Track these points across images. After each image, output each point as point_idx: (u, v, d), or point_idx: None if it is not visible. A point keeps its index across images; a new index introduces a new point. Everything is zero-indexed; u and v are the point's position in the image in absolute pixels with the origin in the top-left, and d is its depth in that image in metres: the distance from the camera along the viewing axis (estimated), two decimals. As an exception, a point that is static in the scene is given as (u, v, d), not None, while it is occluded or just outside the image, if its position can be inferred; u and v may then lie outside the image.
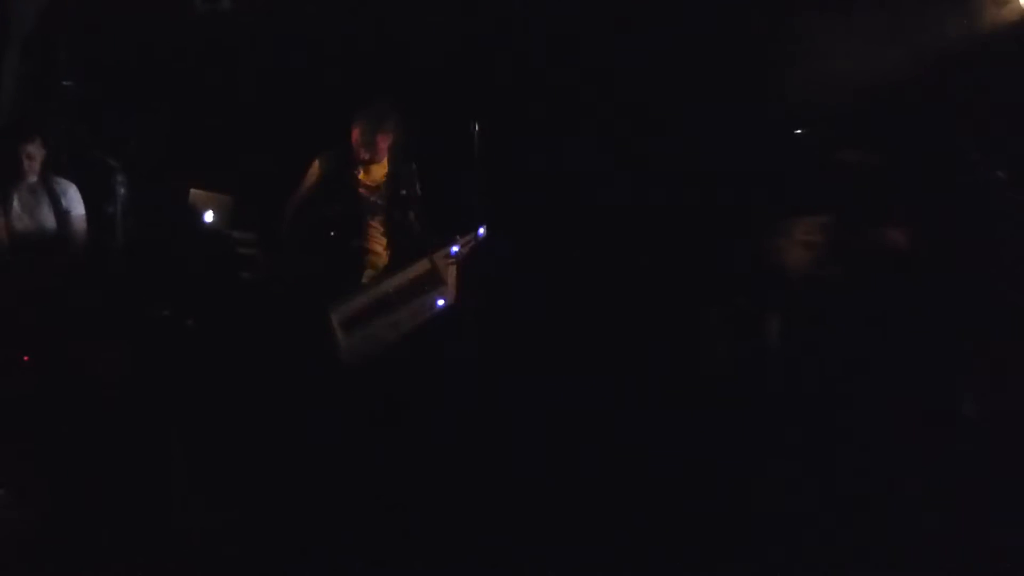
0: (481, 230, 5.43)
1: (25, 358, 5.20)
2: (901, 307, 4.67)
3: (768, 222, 5.14)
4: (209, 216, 6.01)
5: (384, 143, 5.61)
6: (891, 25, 5.83)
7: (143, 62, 6.49)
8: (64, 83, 6.44)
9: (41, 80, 6.44)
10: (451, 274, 5.41)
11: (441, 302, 5.39)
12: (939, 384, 4.64)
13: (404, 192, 5.65)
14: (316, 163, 5.66)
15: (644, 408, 5.12)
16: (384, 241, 5.67)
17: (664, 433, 4.87)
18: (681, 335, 5.46)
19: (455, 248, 5.39)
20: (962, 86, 5.62)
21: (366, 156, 5.58)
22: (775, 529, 4.25)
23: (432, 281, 5.40)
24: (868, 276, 4.78)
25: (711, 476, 4.59)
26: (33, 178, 5.68)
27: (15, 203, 5.67)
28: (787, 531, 4.22)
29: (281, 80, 6.51)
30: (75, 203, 5.78)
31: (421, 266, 5.41)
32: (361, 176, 5.66)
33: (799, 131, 5.82)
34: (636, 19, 6.24)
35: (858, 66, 5.73)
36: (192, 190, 6.05)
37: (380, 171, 5.68)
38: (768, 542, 4.18)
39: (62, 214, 5.72)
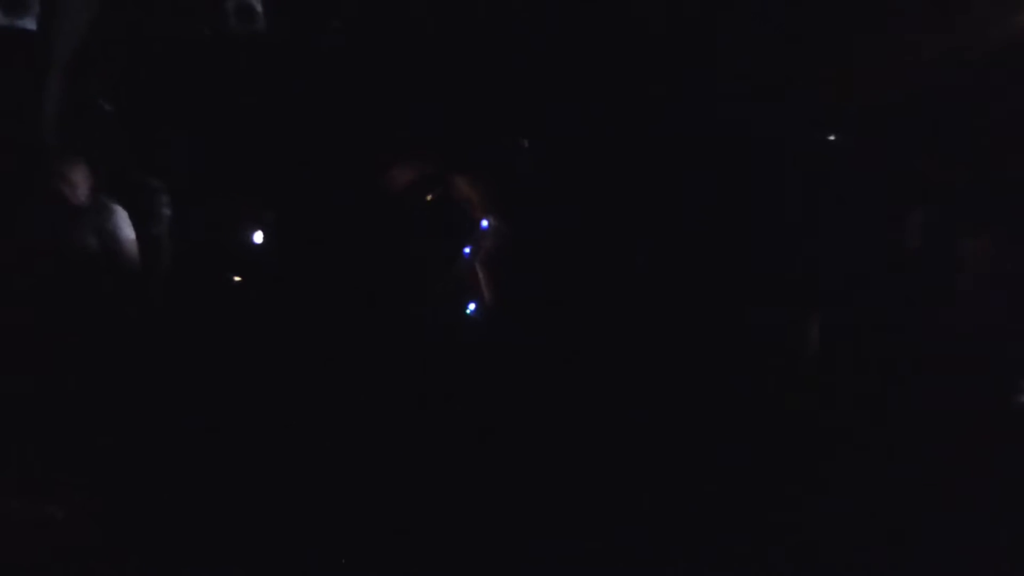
0: (484, 223, 5.18)
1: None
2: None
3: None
4: (256, 236, 6.05)
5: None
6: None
7: (182, 82, 6.52)
8: (105, 106, 6.46)
9: (82, 102, 6.47)
10: (477, 279, 5.20)
11: (472, 307, 5.20)
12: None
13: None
14: None
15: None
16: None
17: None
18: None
19: (467, 250, 5.19)
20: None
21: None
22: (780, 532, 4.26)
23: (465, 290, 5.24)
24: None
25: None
26: (78, 202, 5.69)
27: (57, 228, 5.68)
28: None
29: (317, 98, 6.53)
30: (122, 227, 5.78)
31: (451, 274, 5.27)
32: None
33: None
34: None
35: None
36: (236, 209, 6.10)
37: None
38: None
39: (107, 238, 5.74)
